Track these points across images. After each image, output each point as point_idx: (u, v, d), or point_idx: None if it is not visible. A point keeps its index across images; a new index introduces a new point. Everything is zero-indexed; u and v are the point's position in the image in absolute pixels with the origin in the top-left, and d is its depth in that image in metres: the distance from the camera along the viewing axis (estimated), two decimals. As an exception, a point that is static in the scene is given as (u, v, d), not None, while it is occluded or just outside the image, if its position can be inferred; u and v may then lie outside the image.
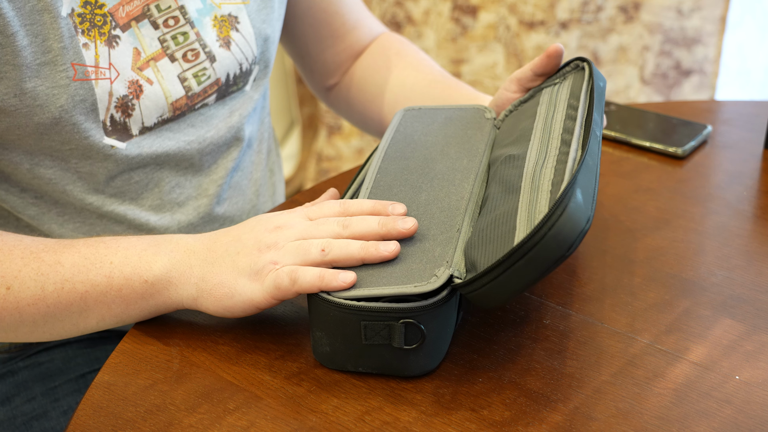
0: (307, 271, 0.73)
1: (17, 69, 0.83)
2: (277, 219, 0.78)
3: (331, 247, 0.74)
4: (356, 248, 0.74)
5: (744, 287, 0.86)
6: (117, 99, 0.89)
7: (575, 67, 0.91)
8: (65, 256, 0.80)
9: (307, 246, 0.75)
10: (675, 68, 2.09)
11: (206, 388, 0.76)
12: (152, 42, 0.92)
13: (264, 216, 0.80)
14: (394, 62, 1.14)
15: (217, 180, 1.02)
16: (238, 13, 0.98)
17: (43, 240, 0.82)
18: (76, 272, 0.79)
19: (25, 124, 0.86)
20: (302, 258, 0.74)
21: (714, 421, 0.72)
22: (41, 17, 0.84)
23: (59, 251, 0.80)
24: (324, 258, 0.74)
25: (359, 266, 0.75)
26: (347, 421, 0.72)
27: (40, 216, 0.95)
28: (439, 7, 2.12)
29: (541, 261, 0.68)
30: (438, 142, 0.90)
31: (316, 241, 0.75)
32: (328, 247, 0.74)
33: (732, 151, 1.11)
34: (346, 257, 0.74)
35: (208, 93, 0.97)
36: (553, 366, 0.77)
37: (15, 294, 0.79)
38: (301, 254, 0.74)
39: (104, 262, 0.79)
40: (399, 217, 0.76)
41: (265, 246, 0.76)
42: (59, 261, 0.79)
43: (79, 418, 0.73)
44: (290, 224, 0.77)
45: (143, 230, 0.98)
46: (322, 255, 0.74)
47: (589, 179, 0.73)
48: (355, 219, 0.77)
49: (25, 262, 0.79)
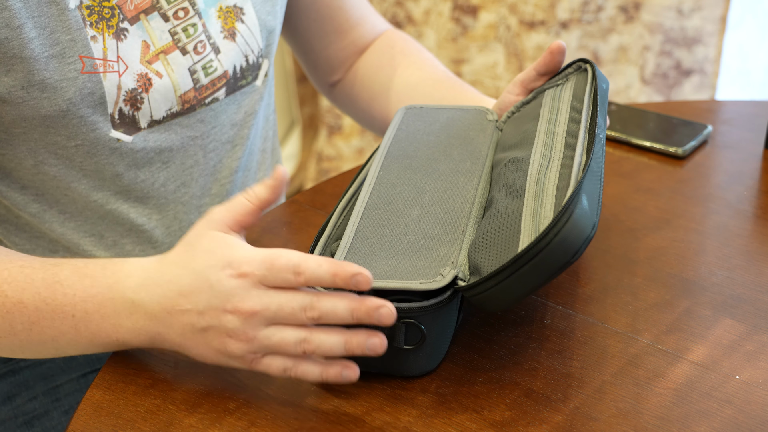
0: (308, 369, 0.71)
1: (25, 61, 0.83)
2: (234, 297, 0.70)
3: (311, 344, 0.70)
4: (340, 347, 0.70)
5: (744, 287, 0.86)
6: (126, 92, 0.89)
7: (577, 69, 0.91)
8: (26, 295, 0.76)
9: (284, 346, 0.70)
10: (675, 68, 2.09)
11: (206, 388, 0.76)
12: (162, 35, 0.92)
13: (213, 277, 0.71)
14: (398, 60, 1.14)
15: (221, 180, 1.02)
16: (244, 4, 0.98)
17: (7, 263, 0.78)
18: (41, 317, 0.76)
19: (32, 116, 0.86)
20: (282, 354, 0.71)
21: (714, 421, 0.72)
22: (49, 9, 0.84)
23: (20, 288, 0.77)
24: (305, 353, 0.71)
25: (364, 259, 0.75)
26: (347, 421, 0.72)
27: (41, 214, 0.95)
28: (440, 7, 2.12)
29: (546, 267, 0.68)
30: (441, 142, 0.90)
31: (292, 338, 0.70)
32: (308, 346, 0.70)
33: (732, 151, 1.11)
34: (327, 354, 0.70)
35: (216, 86, 0.96)
36: (554, 366, 0.77)
37: None
38: (280, 351, 0.71)
39: (66, 315, 0.75)
40: (373, 309, 0.68)
41: (234, 333, 0.70)
42: (22, 301, 0.76)
43: (80, 418, 0.73)
44: (249, 307, 0.70)
45: (144, 233, 0.98)
46: (303, 352, 0.70)
47: (594, 185, 0.73)
48: (324, 304, 0.69)
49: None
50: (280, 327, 0.70)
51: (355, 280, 0.68)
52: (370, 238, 0.77)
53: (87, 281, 0.75)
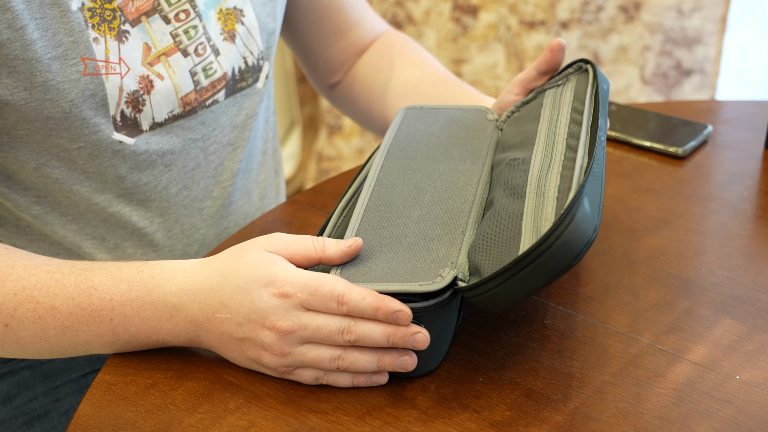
0: (339, 377, 0.74)
1: (27, 63, 0.83)
2: (273, 315, 0.72)
3: (345, 361, 0.73)
4: (373, 365, 0.73)
5: (744, 287, 0.86)
6: (127, 94, 0.89)
7: (578, 69, 0.91)
8: (59, 300, 0.77)
9: (318, 362, 0.73)
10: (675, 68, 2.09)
11: (206, 388, 0.76)
12: (164, 37, 0.92)
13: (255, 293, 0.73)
14: (397, 61, 1.14)
15: (222, 182, 1.02)
16: (243, 6, 0.98)
17: (33, 268, 0.80)
18: (76, 322, 0.77)
19: (34, 118, 0.86)
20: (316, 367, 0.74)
21: (714, 421, 0.72)
22: (51, 11, 0.84)
23: (52, 294, 0.78)
24: (338, 369, 0.74)
25: (363, 261, 0.75)
26: (347, 421, 0.72)
27: (43, 216, 0.95)
28: (440, 7, 2.12)
29: (547, 269, 0.68)
30: (441, 142, 0.90)
31: (327, 355, 0.73)
32: (342, 362, 0.73)
33: (732, 151, 1.11)
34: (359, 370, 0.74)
35: (216, 88, 0.96)
36: (554, 366, 0.77)
37: (14, 332, 0.79)
38: (314, 366, 0.74)
39: (103, 318, 0.77)
40: (409, 335, 0.72)
41: (270, 347, 0.73)
42: (55, 306, 0.77)
43: (80, 418, 0.73)
44: (287, 327, 0.72)
45: (146, 236, 0.98)
46: (337, 368, 0.74)
47: (596, 187, 0.73)
48: (361, 329, 0.72)
49: (19, 301, 0.78)
50: (315, 345, 0.73)
51: (395, 316, 0.71)
52: (370, 239, 0.77)
53: (124, 285, 0.77)
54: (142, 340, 0.78)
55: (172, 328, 0.76)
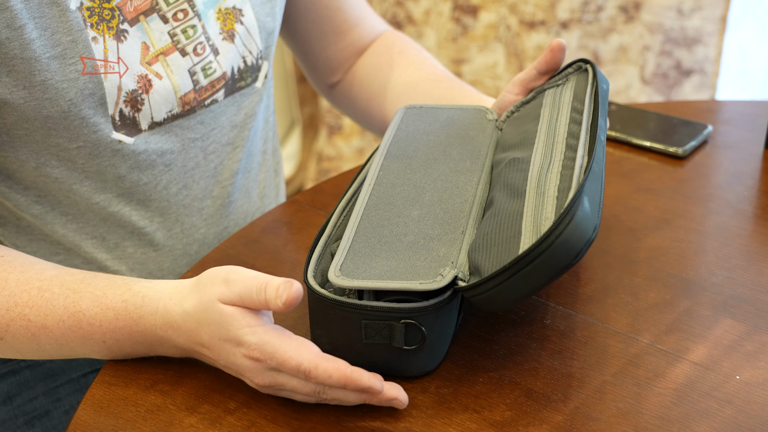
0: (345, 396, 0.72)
1: (26, 62, 0.84)
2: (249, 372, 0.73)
3: (327, 395, 0.72)
4: (357, 400, 0.72)
5: (744, 287, 0.86)
6: (126, 93, 0.89)
7: (578, 69, 0.91)
8: (50, 321, 0.79)
9: (300, 393, 0.72)
10: (675, 68, 2.09)
11: (206, 388, 0.76)
12: (162, 36, 0.92)
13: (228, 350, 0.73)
14: (397, 61, 1.14)
15: (222, 182, 1.02)
16: (243, 6, 0.98)
17: (25, 283, 0.80)
18: (69, 341, 0.79)
19: (33, 117, 0.86)
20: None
21: (714, 421, 0.72)
22: (50, 10, 0.84)
23: (43, 314, 0.79)
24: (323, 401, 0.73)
25: (364, 259, 0.75)
26: (347, 421, 0.72)
27: (43, 215, 0.95)
28: (440, 7, 2.12)
29: (548, 269, 0.68)
30: (440, 142, 0.90)
31: (307, 390, 0.72)
32: (325, 396, 0.72)
33: (732, 151, 1.11)
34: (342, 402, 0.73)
35: (216, 87, 0.96)
36: (554, 366, 0.77)
37: (10, 344, 0.81)
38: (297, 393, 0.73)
39: (96, 340, 0.78)
40: (385, 401, 0.71)
41: (252, 380, 0.73)
42: (46, 326, 0.79)
43: (80, 418, 0.73)
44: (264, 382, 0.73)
45: (146, 236, 0.98)
46: (320, 400, 0.73)
47: (596, 187, 0.73)
48: (337, 394, 0.72)
49: (11, 317, 0.79)
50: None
51: (366, 392, 0.70)
52: (370, 238, 0.77)
53: (110, 314, 0.78)
54: (138, 354, 0.79)
55: (164, 351, 0.78)
